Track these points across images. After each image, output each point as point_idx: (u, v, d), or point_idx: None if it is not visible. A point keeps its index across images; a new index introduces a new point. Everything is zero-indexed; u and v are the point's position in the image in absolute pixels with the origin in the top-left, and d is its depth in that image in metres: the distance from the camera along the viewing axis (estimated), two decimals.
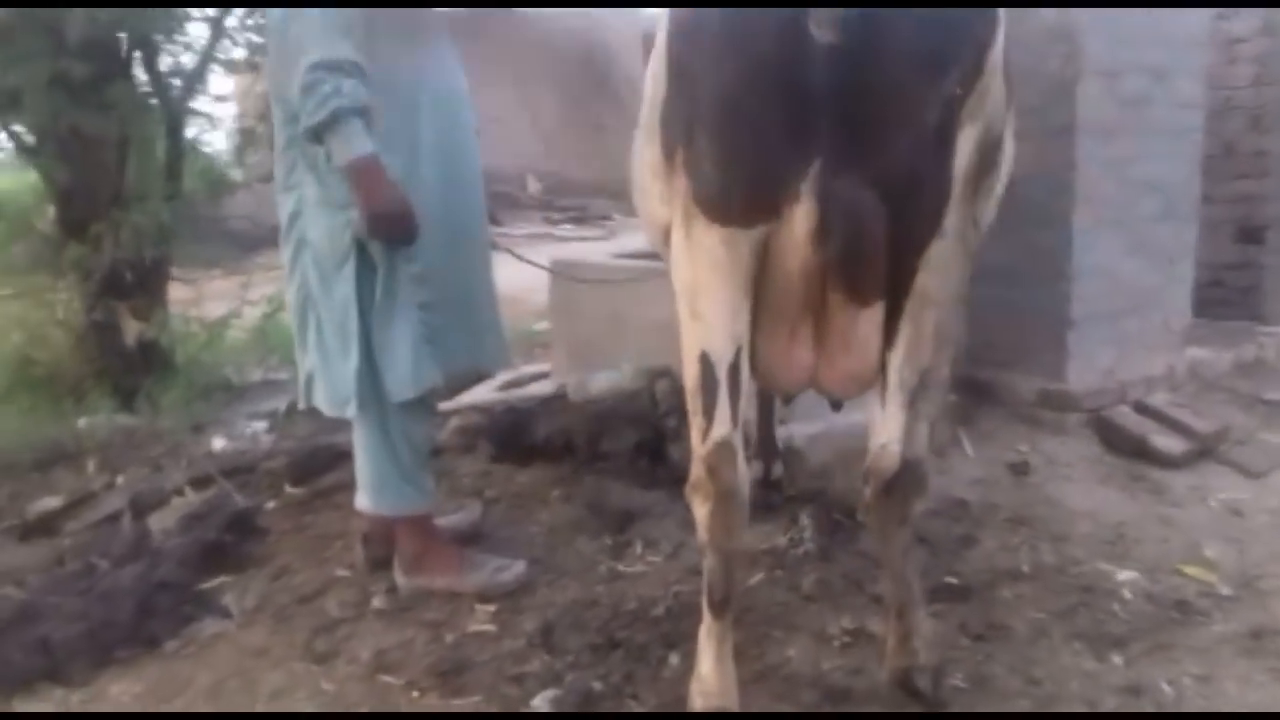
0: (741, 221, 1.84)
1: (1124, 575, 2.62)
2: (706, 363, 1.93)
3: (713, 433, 1.94)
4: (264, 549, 3.06)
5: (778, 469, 3.18)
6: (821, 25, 1.63)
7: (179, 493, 3.58)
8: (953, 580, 2.61)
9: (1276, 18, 4.59)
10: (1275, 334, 4.52)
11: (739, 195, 1.83)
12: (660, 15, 2.00)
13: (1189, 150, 3.92)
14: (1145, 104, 3.70)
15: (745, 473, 1.97)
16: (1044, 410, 3.64)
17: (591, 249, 4.75)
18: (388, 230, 2.26)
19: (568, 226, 13.13)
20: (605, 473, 3.32)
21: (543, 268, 3.84)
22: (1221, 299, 4.80)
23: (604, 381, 3.80)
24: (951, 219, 1.92)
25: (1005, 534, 2.88)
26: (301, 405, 2.61)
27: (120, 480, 3.93)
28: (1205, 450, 3.43)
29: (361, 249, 2.33)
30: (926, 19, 1.66)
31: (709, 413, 1.94)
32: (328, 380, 2.45)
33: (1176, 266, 3.94)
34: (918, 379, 1.98)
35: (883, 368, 1.98)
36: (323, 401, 2.48)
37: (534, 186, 14.99)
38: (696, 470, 1.97)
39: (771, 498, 3.11)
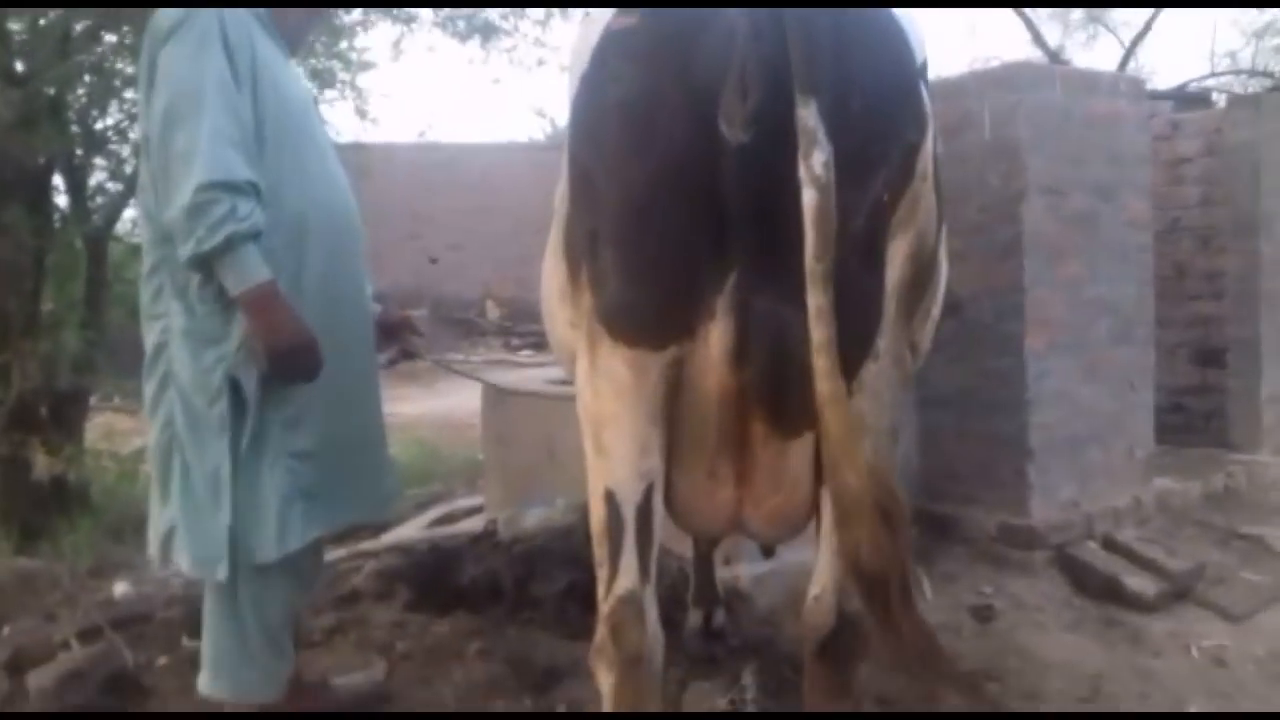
0: (650, 342, 1.66)
1: None
2: (612, 503, 1.72)
3: (616, 586, 1.72)
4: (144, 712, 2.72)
5: (719, 617, 2.89)
6: (733, 123, 1.47)
7: (65, 646, 3.24)
8: None
9: (1218, 139, 4.59)
10: (1244, 462, 4.35)
11: (647, 311, 1.66)
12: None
13: (1140, 271, 3.82)
14: (1092, 222, 3.61)
15: (657, 635, 1.72)
16: (1007, 547, 3.40)
17: (532, 374, 4.52)
18: (292, 366, 2.02)
19: (527, 352, 13.01)
20: (532, 622, 3.02)
21: (474, 378, 3.61)
22: (1183, 424, 4.65)
23: (536, 517, 3.53)
24: (885, 339, 1.73)
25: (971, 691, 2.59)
26: (158, 563, 2.33)
27: (6, 630, 3.58)
28: (1181, 591, 3.19)
29: (235, 388, 2.06)
30: (851, 117, 1.50)
31: (614, 561, 1.72)
32: (193, 536, 2.13)
33: (1137, 392, 3.78)
34: None
35: (816, 506, 1.76)
36: (185, 560, 2.15)
37: (493, 313, 14.93)
38: (600, 631, 1.71)
39: (713, 650, 2.81)
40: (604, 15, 1.81)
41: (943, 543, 3.49)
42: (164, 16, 2.02)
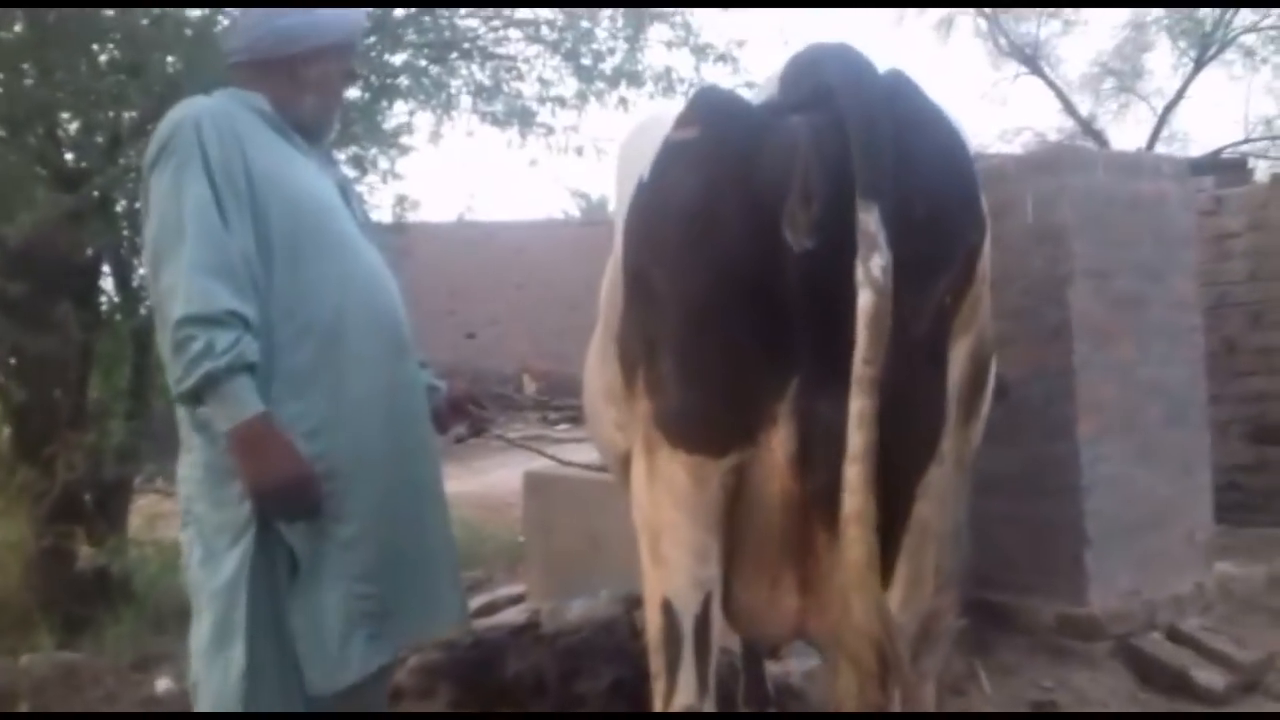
0: (711, 449, 1.63)
1: None
2: (669, 613, 1.67)
3: (674, 701, 1.66)
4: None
5: None
6: (797, 229, 1.46)
7: None
8: None
9: (1263, 215, 4.55)
10: None
11: (708, 418, 1.63)
12: (616, 219, 1.84)
13: (1190, 351, 3.75)
14: (1140, 304, 3.56)
15: None
16: (1068, 638, 3.29)
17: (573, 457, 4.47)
18: (279, 507, 1.86)
19: (564, 426, 12.96)
20: None
21: (544, 454, 3.51)
22: (1240, 503, 4.53)
23: (579, 609, 3.47)
24: (949, 441, 1.69)
25: None
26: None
27: None
28: (1251, 684, 3.07)
29: (264, 522, 1.89)
30: (914, 221, 1.48)
31: (671, 674, 1.67)
32: (207, 687, 1.89)
33: (1194, 475, 3.68)
34: (919, 626, 1.70)
35: None
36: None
37: (530, 387, 14.94)
38: None
39: None
40: (655, 117, 1.82)
41: (1000, 633, 3.38)
42: (153, 141, 1.93)
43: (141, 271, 4.97)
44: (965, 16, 16.59)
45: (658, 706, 1.69)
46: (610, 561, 3.56)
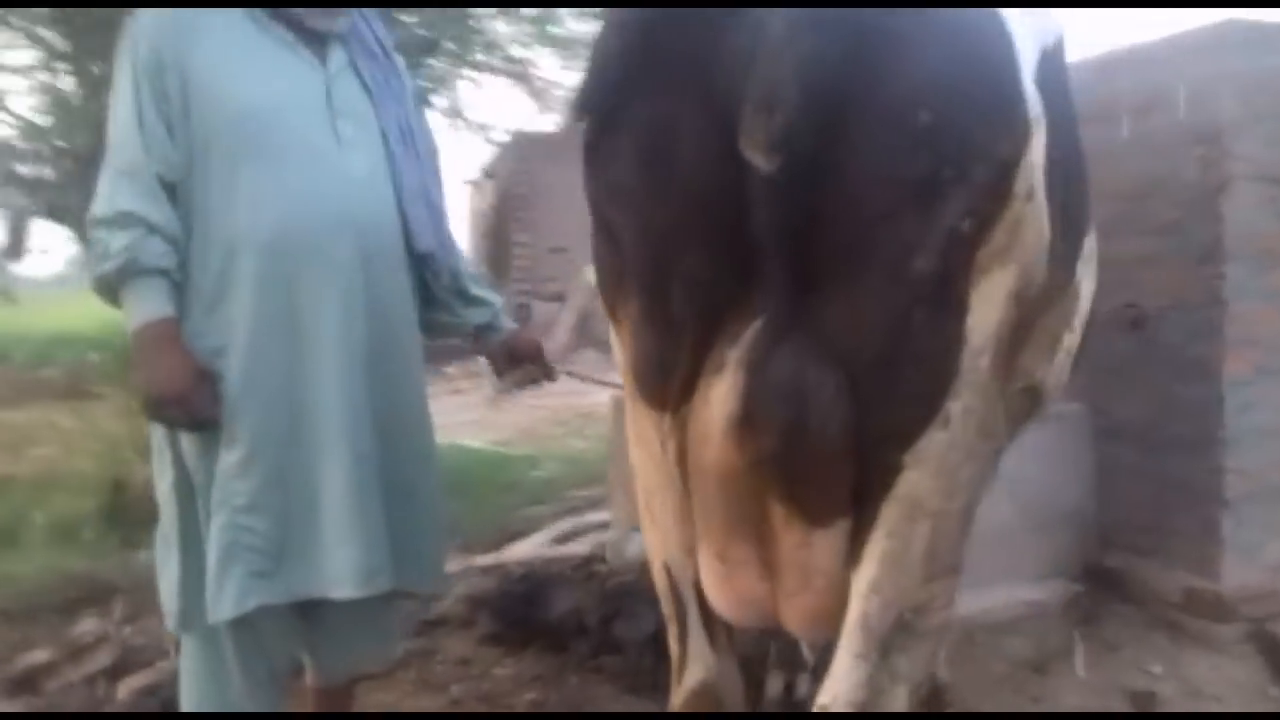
0: (669, 404, 1.40)
1: None
2: (670, 578, 1.56)
3: (687, 676, 1.55)
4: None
5: (804, 685, 2.49)
6: (756, 146, 1.15)
7: (167, 654, 3.25)
8: None
9: None
10: None
11: (663, 368, 1.39)
12: None
13: None
14: None
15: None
16: (1189, 616, 2.81)
17: None
18: (161, 415, 1.80)
19: None
20: (602, 670, 2.74)
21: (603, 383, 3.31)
22: None
23: (638, 546, 3.24)
24: (962, 401, 1.33)
25: None
26: None
27: (128, 630, 3.66)
28: None
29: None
30: (913, 127, 1.18)
31: (682, 643, 1.56)
32: (163, 587, 1.93)
33: None
34: (895, 619, 1.40)
35: None
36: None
37: None
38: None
39: None
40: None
41: (1111, 603, 2.94)
42: None
43: None
44: None
45: (674, 671, 1.59)
46: None
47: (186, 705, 1.99)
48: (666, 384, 1.38)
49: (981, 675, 2.67)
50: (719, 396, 1.31)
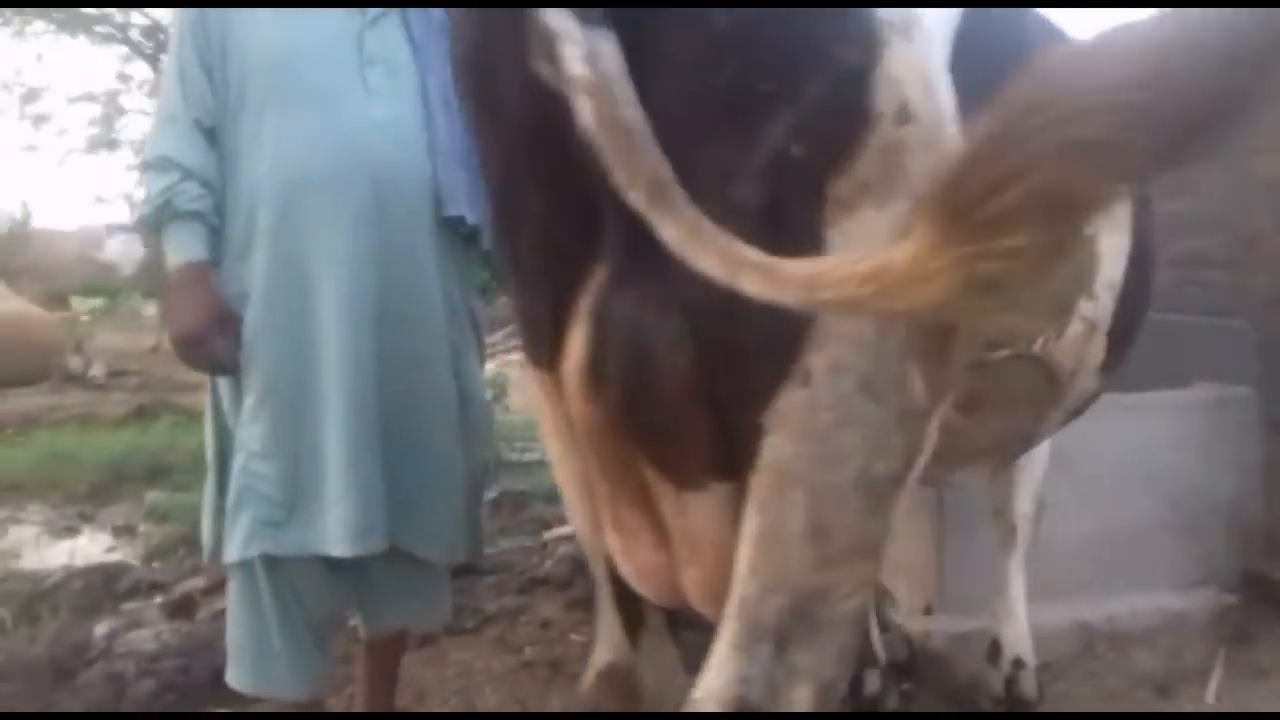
0: (540, 358, 1.33)
1: None
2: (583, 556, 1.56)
3: (595, 656, 1.53)
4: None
5: (871, 682, 2.31)
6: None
7: None
8: None
9: None
10: None
11: (527, 318, 1.35)
12: None
13: None
14: None
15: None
16: None
17: None
18: (183, 355, 1.91)
19: None
20: (683, 645, 2.67)
21: None
22: None
23: None
24: (827, 354, 1.19)
25: None
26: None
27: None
28: None
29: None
30: (712, 38, 1.07)
31: (599, 620, 1.54)
32: (206, 520, 2.06)
33: None
34: (786, 607, 1.23)
35: None
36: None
37: None
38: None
39: None
40: None
41: (1269, 620, 2.50)
42: None
43: None
44: None
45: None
46: None
47: (229, 642, 2.06)
48: (536, 337, 1.32)
49: (1091, 692, 2.36)
50: (573, 348, 1.23)
